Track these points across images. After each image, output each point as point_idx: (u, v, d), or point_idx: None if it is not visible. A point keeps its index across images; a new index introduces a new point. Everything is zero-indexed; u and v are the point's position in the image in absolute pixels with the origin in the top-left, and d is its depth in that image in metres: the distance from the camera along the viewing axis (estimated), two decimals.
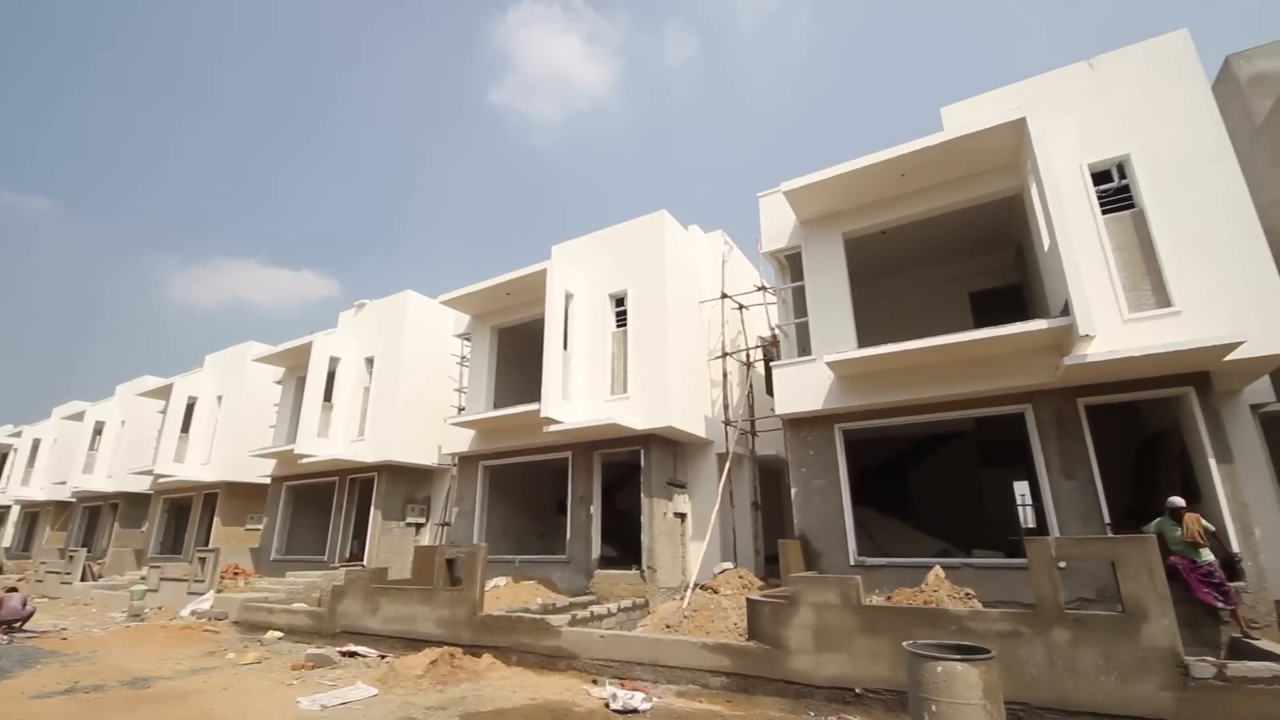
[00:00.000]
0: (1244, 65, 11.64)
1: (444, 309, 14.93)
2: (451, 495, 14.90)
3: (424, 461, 15.74)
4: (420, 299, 16.65)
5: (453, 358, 15.50)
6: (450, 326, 15.39)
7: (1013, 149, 8.50)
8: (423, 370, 15.97)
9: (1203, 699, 4.78)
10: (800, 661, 6.39)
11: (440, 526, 15.56)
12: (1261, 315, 7.03)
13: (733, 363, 13.50)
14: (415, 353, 16.00)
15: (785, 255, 10.85)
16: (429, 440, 15.62)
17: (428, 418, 15.54)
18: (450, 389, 15.28)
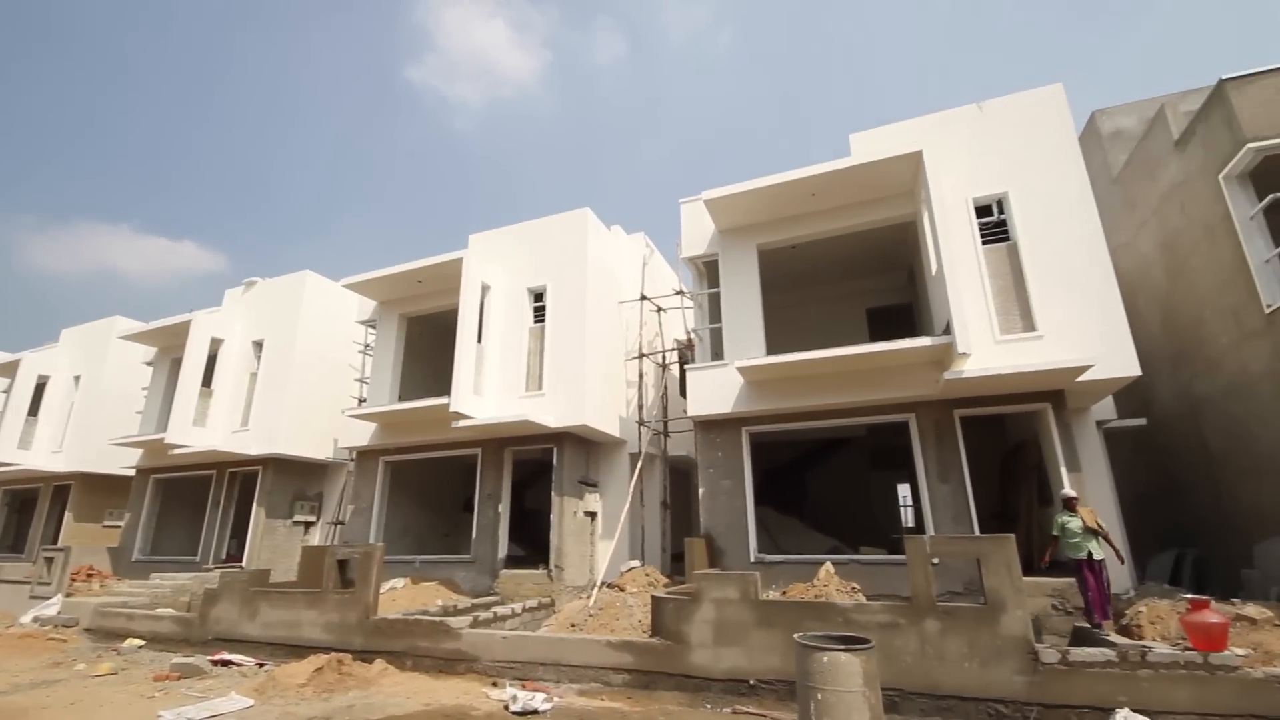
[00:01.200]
0: (1106, 121, 13.30)
1: (346, 293, 14.05)
2: (347, 492, 14.07)
3: (317, 455, 14.75)
4: (320, 280, 15.58)
5: (355, 346, 14.63)
6: (353, 312, 14.51)
7: (910, 179, 9.23)
8: (319, 357, 14.96)
9: (1048, 681, 5.41)
10: (700, 656, 6.59)
11: (333, 525, 14.64)
12: (1108, 343, 8.05)
13: (649, 364, 13.70)
14: (311, 338, 14.95)
15: (703, 262, 11.16)
16: (324, 433, 14.66)
17: (323, 409, 14.58)
18: (350, 379, 14.42)
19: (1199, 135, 9.15)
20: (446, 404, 10.75)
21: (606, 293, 12.80)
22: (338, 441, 13.86)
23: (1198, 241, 9.48)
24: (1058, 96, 9.31)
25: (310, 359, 14.81)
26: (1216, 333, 9.27)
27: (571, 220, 12.40)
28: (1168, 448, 10.72)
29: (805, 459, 14.75)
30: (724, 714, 6.03)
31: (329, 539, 14.59)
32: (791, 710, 5.27)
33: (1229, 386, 9.12)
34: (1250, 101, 8.20)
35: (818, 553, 9.77)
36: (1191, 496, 10.22)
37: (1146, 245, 11.09)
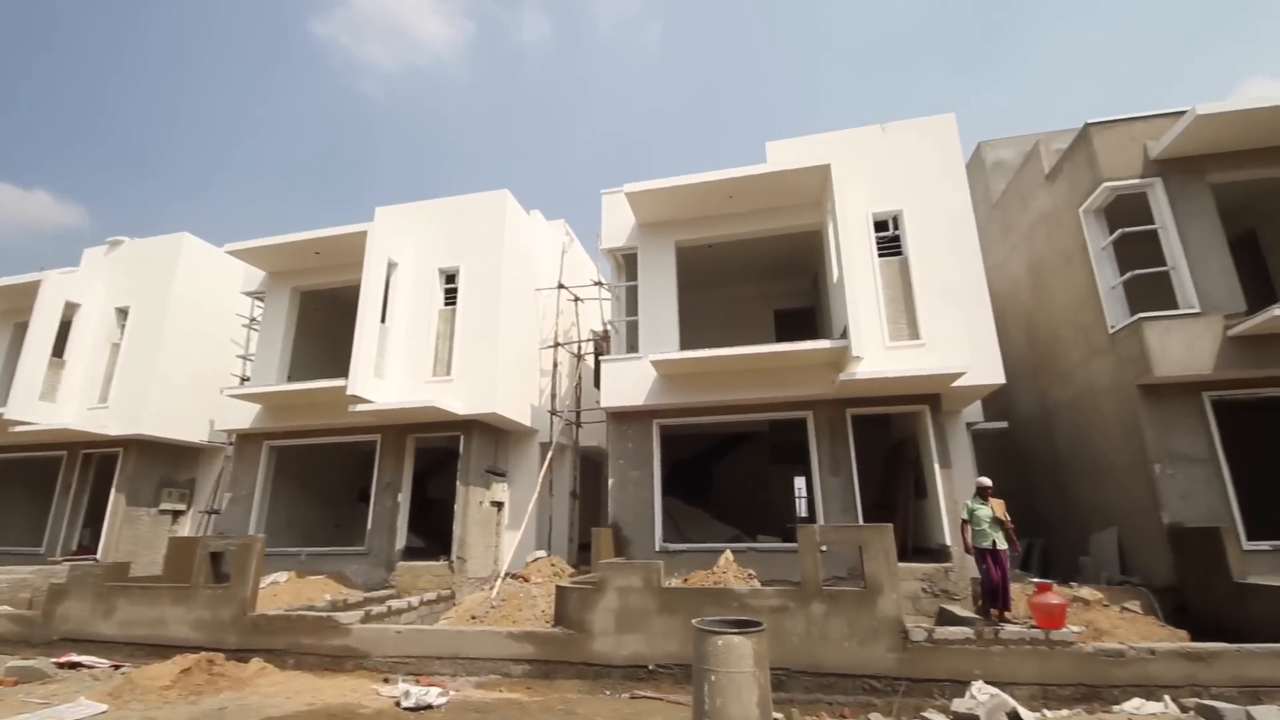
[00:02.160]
0: (990, 152, 14.66)
1: (231, 261, 12.79)
2: (224, 479, 12.91)
3: (189, 438, 13.44)
4: (199, 245, 14.15)
5: (239, 319, 13.42)
6: (238, 282, 13.25)
7: (818, 190, 9.74)
8: (195, 329, 13.61)
9: (916, 658, 5.96)
10: (602, 644, 6.67)
11: (206, 515, 13.41)
12: (979, 354, 8.93)
13: (563, 353, 13.59)
14: (187, 308, 13.56)
15: (623, 254, 11.21)
16: (198, 413, 13.38)
17: (198, 386, 13.29)
18: (232, 355, 13.23)
19: (1065, 171, 10.32)
20: (343, 386, 10.12)
21: (523, 278, 12.55)
22: (214, 423, 12.68)
23: (1059, 266, 10.72)
24: (949, 125, 10.16)
25: (184, 331, 13.42)
26: (1069, 349, 10.54)
27: (489, 201, 12.03)
28: (1024, 449, 12.09)
29: (712, 451, 15.27)
30: (622, 699, 6.15)
31: (201, 530, 13.34)
32: (686, 692, 5.47)
33: (1076, 397, 10.41)
34: (1109, 145, 9.36)
35: (720, 541, 10.15)
36: (1041, 493, 11.61)
37: (1016, 267, 12.39)
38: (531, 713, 5.71)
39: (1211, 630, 6.65)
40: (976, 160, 14.53)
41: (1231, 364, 8.07)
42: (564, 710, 5.77)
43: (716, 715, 4.28)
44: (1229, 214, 9.00)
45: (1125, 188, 9.13)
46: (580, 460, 13.32)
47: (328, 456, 13.34)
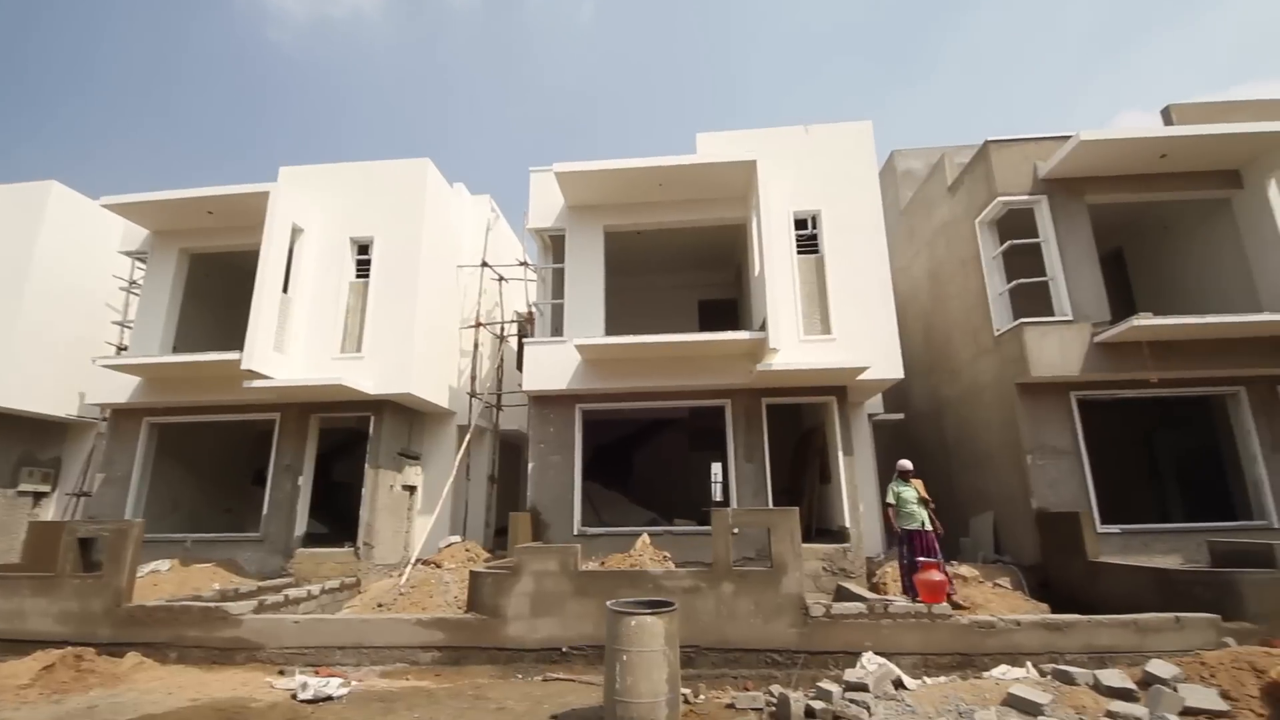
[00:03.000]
0: (901, 161, 15.57)
1: (107, 215, 11.45)
2: (96, 458, 11.66)
3: (54, 411, 12.01)
4: (69, 195, 12.56)
5: (116, 281, 12.08)
6: (116, 240, 11.89)
7: (744, 185, 9.99)
8: (63, 290, 12.15)
9: (814, 632, 6.35)
10: (516, 628, 6.64)
11: (74, 498, 12.07)
12: (881, 350, 9.54)
13: (485, 334, 13.24)
14: (53, 265, 12.06)
15: (550, 235, 11.02)
16: (64, 384, 11.99)
17: (65, 355, 11.89)
18: (107, 321, 11.91)
19: (965, 184, 11.15)
20: (238, 360, 9.34)
21: (444, 253, 12.07)
22: (85, 396, 11.40)
23: (955, 272, 11.61)
24: (866, 132, 10.70)
25: (50, 292, 11.92)
26: (960, 349, 11.47)
27: (409, 169, 11.44)
28: (918, 439, 13.08)
29: (633, 437, 15.46)
30: (534, 682, 6.16)
31: (69, 514, 12.00)
32: (599, 673, 5.56)
33: (964, 393, 11.37)
34: (1005, 162, 10.19)
35: (638, 525, 10.33)
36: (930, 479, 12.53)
37: (919, 271, 13.30)
38: (440, 699, 5.60)
39: (1069, 603, 7.51)
40: (889, 168, 15.40)
41: (1095, 367, 9.08)
42: (474, 695, 5.71)
43: (627, 693, 4.39)
44: (1101, 233, 10.08)
45: (1016, 203, 10.00)
46: (500, 444, 13.08)
47: (219, 436, 12.34)
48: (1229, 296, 9.90)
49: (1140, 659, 5.45)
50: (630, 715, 4.37)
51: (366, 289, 10.84)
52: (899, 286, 12.27)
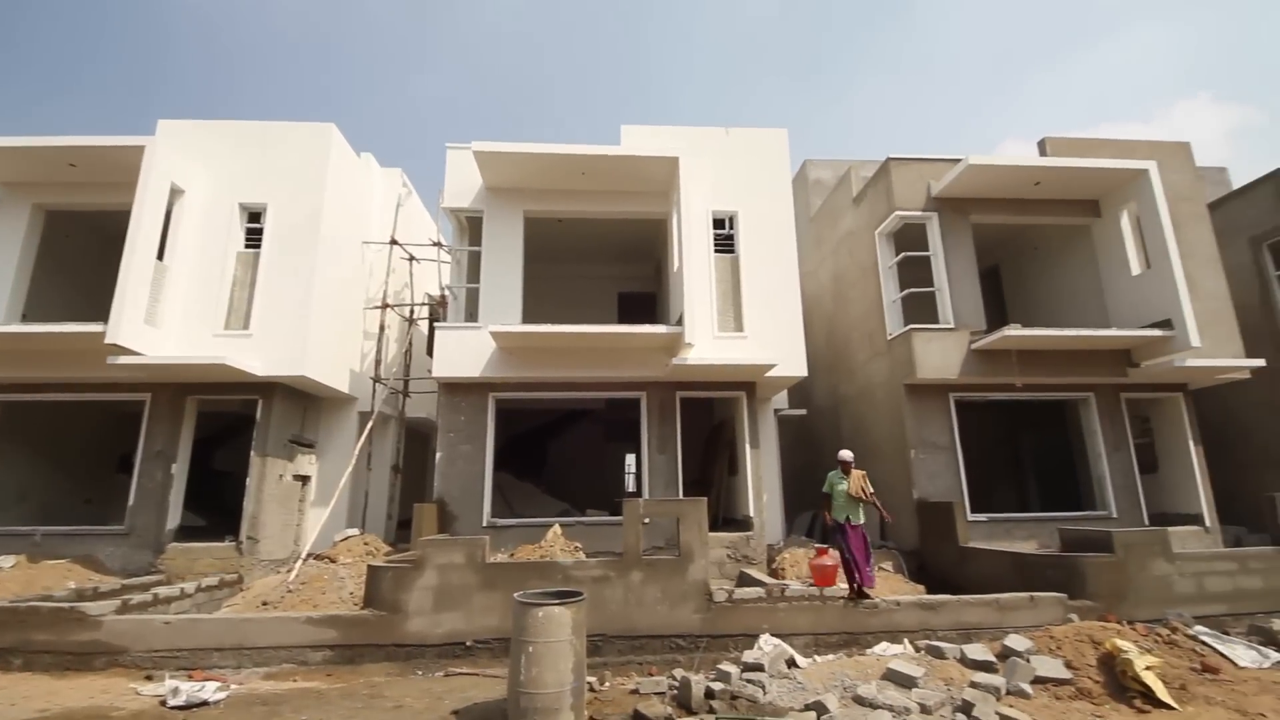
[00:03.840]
0: (812, 170, 16.34)
1: None
2: None
3: None
4: None
5: None
6: None
7: (666, 181, 10.11)
8: None
9: (717, 617, 6.61)
10: (417, 623, 6.41)
11: None
12: (788, 349, 10.02)
13: (393, 316, 12.59)
14: None
15: (467, 216, 10.63)
16: None
17: None
18: None
19: (868, 197, 11.90)
20: (102, 332, 8.31)
21: (348, 228, 11.35)
22: None
23: (856, 279, 12.39)
24: (782, 140, 11.15)
25: None
26: (857, 350, 12.28)
27: (312, 134, 10.61)
28: (818, 433, 13.89)
29: (548, 427, 15.28)
30: (435, 678, 5.99)
31: None
32: (503, 666, 5.50)
33: (860, 391, 12.19)
34: (903, 179, 10.96)
35: (550, 516, 10.26)
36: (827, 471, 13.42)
37: (824, 276, 14.08)
38: (331, 700, 5.32)
39: (942, 585, 8.29)
40: (801, 176, 16.14)
41: (971, 371, 10.03)
42: (369, 694, 5.47)
43: (531, 684, 4.37)
44: (981, 250, 11.12)
45: (911, 218, 10.81)
46: (406, 432, 12.52)
47: (79, 418, 10.95)
48: (1085, 313, 11.25)
49: (1000, 634, 6.11)
50: (534, 706, 4.36)
51: (257, 261, 9.97)
52: (806, 289, 12.92)
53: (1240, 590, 7.08)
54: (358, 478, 11.08)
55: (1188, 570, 7.09)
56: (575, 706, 4.48)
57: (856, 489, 6.95)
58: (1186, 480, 10.50)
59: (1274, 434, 11.62)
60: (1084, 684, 5.12)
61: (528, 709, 4.36)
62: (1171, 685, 4.98)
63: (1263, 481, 10.80)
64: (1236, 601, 7.00)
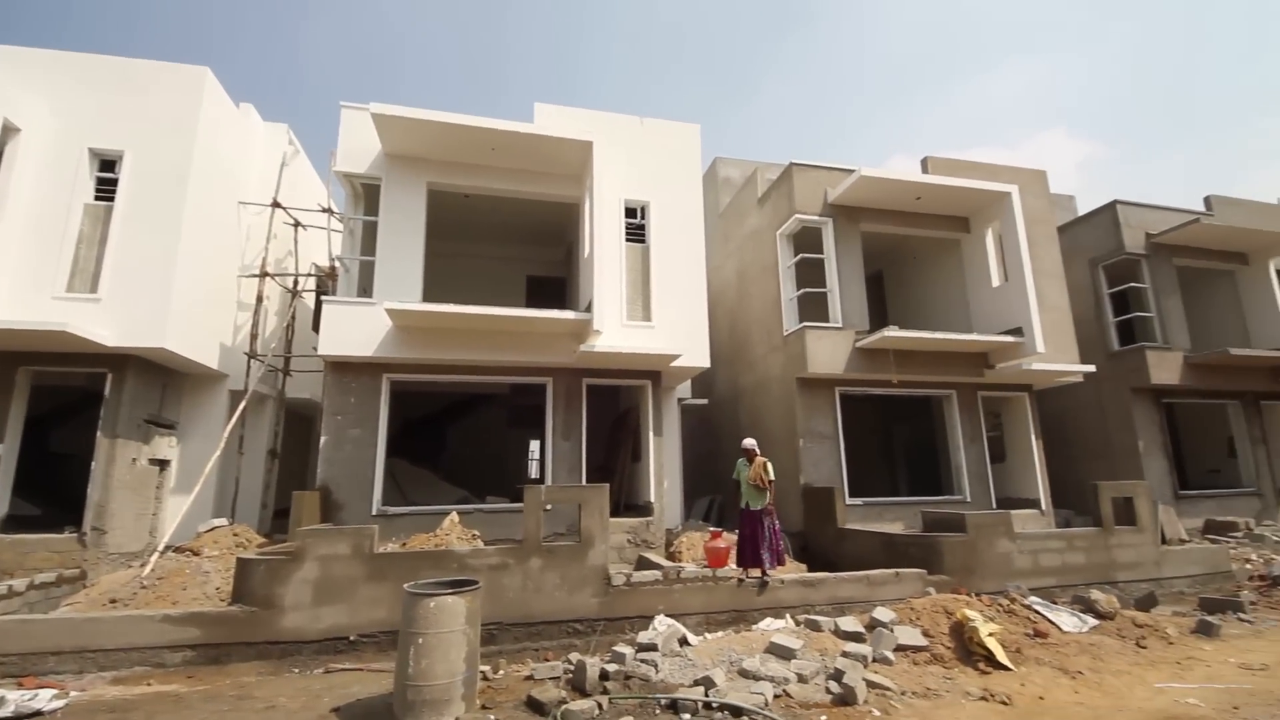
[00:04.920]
0: (722, 168, 16.81)
1: None
2: None
3: None
4: None
5: None
6: None
7: (580, 164, 10.00)
8: None
9: (615, 600, 6.72)
10: (294, 619, 5.99)
11: None
12: (692, 341, 10.31)
13: (274, 287, 11.54)
14: None
15: (362, 182, 9.90)
16: None
17: None
18: None
19: (772, 199, 12.44)
20: None
21: (222, 185, 10.24)
22: None
23: (758, 277, 12.94)
24: (694, 135, 11.37)
25: None
26: (757, 344, 12.87)
27: (181, 76, 9.44)
28: (718, 422, 14.44)
29: (448, 411, 14.73)
30: (314, 675, 5.64)
31: None
32: (391, 659, 5.27)
33: (757, 383, 12.79)
34: (804, 184, 11.56)
35: (448, 504, 9.92)
36: (724, 458, 14.00)
37: (729, 271, 14.58)
38: (191, 704, 4.85)
39: (823, 563, 8.93)
40: (711, 173, 16.57)
41: (855, 368, 10.83)
42: (236, 696, 5.04)
43: (421, 676, 4.23)
44: (869, 257, 12.00)
45: (809, 221, 11.44)
46: (286, 414, 11.57)
47: None
48: (952, 319, 12.48)
49: (870, 607, 6.69)
50: (423, 699, 4.22)
51: (109, 215, 8.76)
52: (712, 284, 13.34)
53: (1067, 565, 8.21)
54: (228, 463, 10.11)
55: (1026, 548, 8.13)
56: (467, 696, 4.40)
57: (755, 475, 7.16)
58: (1028, 469, 12.01)
59: (1099, 431, 13.57)
60: (938, 650, 5.74)
61: (415, 702, 4.22)
62: (1009, 649, 5.70)
63: (1089, 470, 12.60)
64: (1064, 575, 8.12)
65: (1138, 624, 6.53)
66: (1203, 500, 12.96)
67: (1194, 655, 5.88)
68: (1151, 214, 13.99)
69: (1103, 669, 5.52)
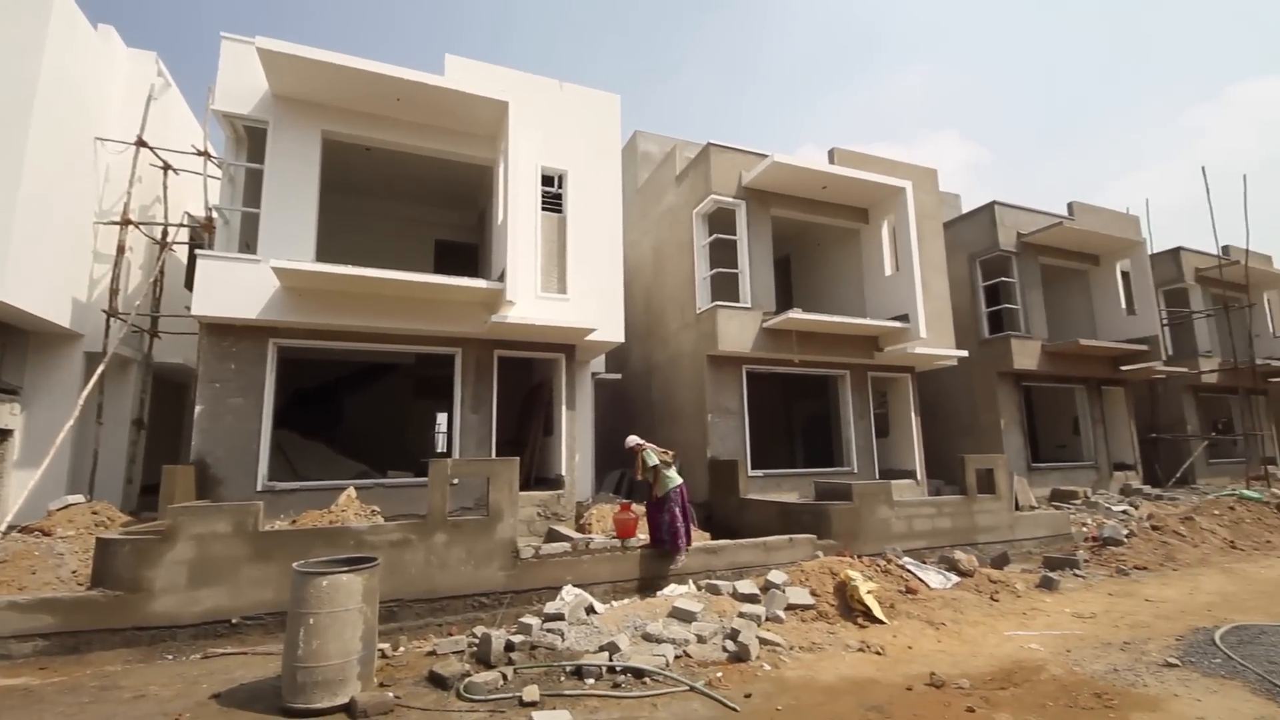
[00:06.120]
0: (642, 142, 16.72)
1: None
2: None
3: None
4: None
5: None
6: None
7: (495, 125, 9.56)
8: None
9: (523, 572, 6.69)
10: (166, 602, 5.49)
11: None
12: (609, 315, 10.32)
13: (139, 237, 10.25)
14: None
15: (246, 125, 8.92)
16: None
17: None
18: None
19: (689, 178, 12.57)
20: None
21: (74, 117, 8.90)
22: None
23: (673, 254, 13.10)
24: (615, 105, 11.22)
25: None
26: (670, 320, 13.09)
27: None
28: (631, 396, 14.62)
29: (346, 381, 13.87)
30: (191, 660, 5.23)
31: None
32: (279, 641, 4.99)
33: (670, 359, 13.05)
34: (721, 166, 11.75)
35: (345, 478, 9.38)
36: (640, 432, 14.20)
37: (646, 247, 14.65)
38: (45, 697, 4.36)
39: (725, 531, 9.36)
40: (631, 146, 16.45)
41: (761, 347, 11.31)
42: (99, 687, 4.58)
43: (312, 657, 4.05)
44: (778, 241, 12.48)
45: (724, 203, 11.70)
46: (154, 380, 10.42)
47: None
48: (849, 304, 13.29)
49: (766, 570, 7.12)
50: (315, 680, 4.04)
51: None
52: (629, 258, 13.36)
53: (936, 529, 9.12)
54: (84, 434, 8.99)
55: (902, 514, 8.94)
56: (364, 675, 4.26)
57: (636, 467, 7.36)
58: (907, 443, 13.16)
59: (967, 409, 15.07)
60: (823, 608, 6.24)
61: (307, 683, 4.04)
62: (885, 605, 6.30)
63: (958, 445, 13.98)
64: (933, 538, 9.02)
65: (992, 580, 7.42)
66: (1051, 472, 14.83)
67: (1037, 606, 6.78)
68: (1024, 215, 15.53)
69: (962, 620, 6.24)
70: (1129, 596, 7.19)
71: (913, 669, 4.97)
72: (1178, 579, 8.00)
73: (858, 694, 4.50)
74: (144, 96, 10.17)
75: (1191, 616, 6.27)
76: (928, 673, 4.80)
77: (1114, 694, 4.40)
